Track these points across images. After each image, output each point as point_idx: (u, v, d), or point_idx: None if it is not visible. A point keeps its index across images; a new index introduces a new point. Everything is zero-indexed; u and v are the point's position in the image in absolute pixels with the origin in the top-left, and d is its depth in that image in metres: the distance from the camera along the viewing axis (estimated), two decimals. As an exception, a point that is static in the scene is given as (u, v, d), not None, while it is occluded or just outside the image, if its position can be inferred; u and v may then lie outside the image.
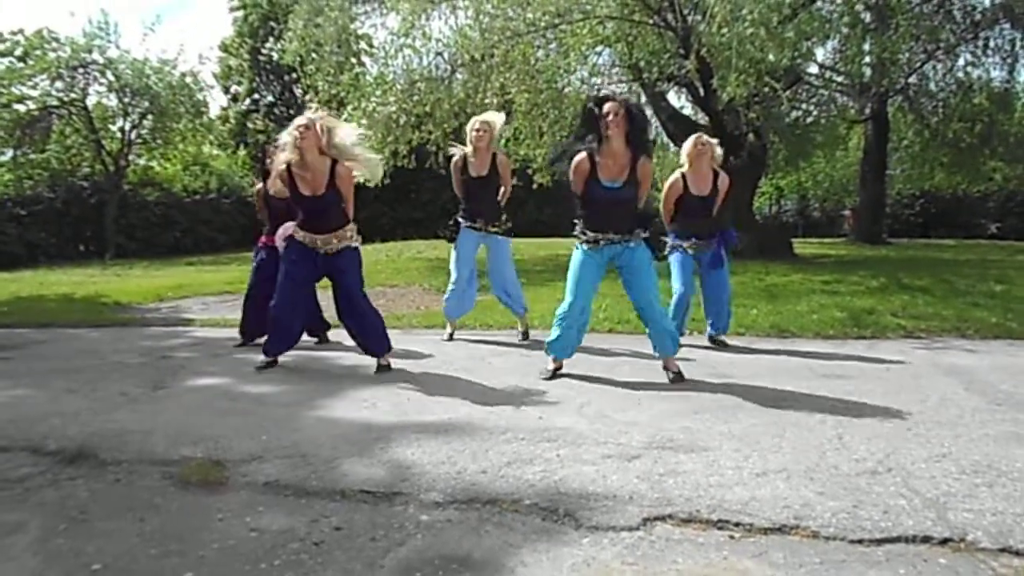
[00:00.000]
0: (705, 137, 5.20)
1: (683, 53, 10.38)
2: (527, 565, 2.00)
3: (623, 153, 3.99)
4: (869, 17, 11.98)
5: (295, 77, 17.64)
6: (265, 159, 5.60)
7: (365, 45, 17.21)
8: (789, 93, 12.24)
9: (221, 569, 2.01)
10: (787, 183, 25.70)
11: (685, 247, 5.23)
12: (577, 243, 4.24)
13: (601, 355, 4.95)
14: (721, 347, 5.31)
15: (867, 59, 12.02)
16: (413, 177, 18.37)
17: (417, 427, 3.28)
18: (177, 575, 1.99)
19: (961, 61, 15.14)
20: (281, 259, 4.67)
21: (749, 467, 2.70)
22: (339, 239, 4.46)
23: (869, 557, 2.02)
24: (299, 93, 21.70)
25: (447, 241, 5.66)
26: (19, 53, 18.25)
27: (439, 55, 11.73)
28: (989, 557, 2.01)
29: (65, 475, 2.75)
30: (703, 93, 11.68)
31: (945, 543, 2.09)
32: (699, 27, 10.04)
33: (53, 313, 7.82)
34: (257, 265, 5.62)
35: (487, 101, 11.11)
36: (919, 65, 14.94)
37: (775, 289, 8.11)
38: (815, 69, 14.87)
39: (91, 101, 19.67)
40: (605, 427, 3.24)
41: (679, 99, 15.31)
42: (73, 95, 19.21)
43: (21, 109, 18.79)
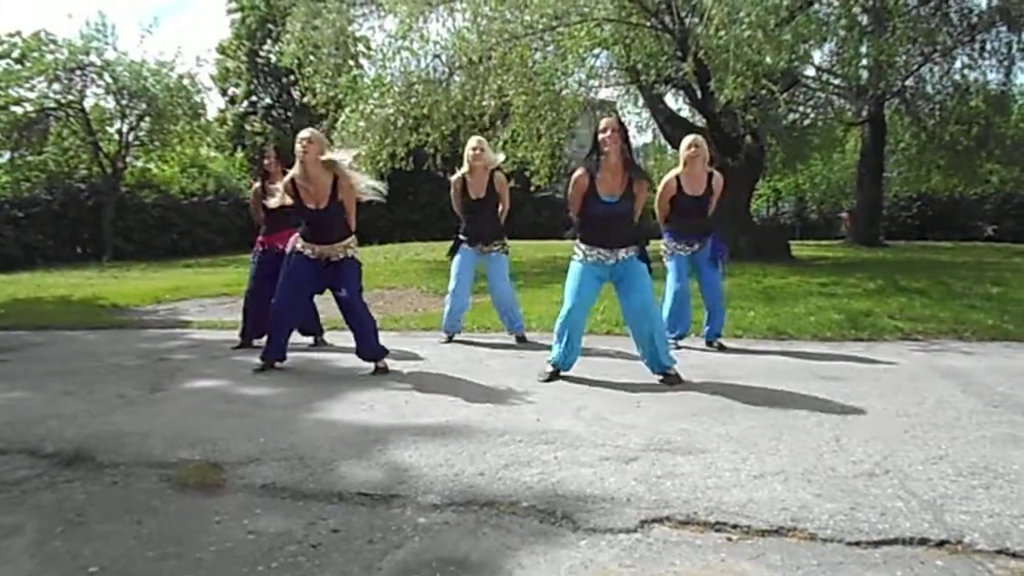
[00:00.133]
0: (700, 138, 5.28)
1: (680, 55, 10.40)
2: (524, 567, 2.00)
3: (620, 168, 4.09)
4: (866, 20, 12.02)
5: (293, 79, 17.64)
6: (263, 159, 5.65)
7: (363, 47, 17.21)
8: (786, 95, 12.28)
9: (218, 571, 2.01)
10: (784, 185, 25.76)
11: (680, 250, 5.27)
12: (575, 256, 4.31)
13: (599, 357, 4.96)
14: (718, 349, 5.31)
15: (864, 62, 12.05)
16: (411, 179, 18.36)
17: (415, 429, 3.28)
18: (174, 578, 1.99)
19: (958, 64, 15.23)
20: (284, 262, 4.73)
21: (747, 469, 2.71)
22: (342, 249, 4.58)
23: (866, 559, 2.02)
24: (297, 95, 21.72)
25: (448, 257, 5.80)
26: (16, 55, 18.21)
27: (437, 57, 11.73)
28: (986, 559, 2.02)
29: (62, 477, 2.74)
30: (700, 95, 11.69)
31: (942, 545, 2.09)
32: (696, 29, 10.06)
33: (50, 315, 7.81)
34: (256, 267, 5.62)
35: (485, 103, 11.14)
36: (916, 68, 14.99)
37: (772, 291, 8.12)
38: (812, 72, 14.93)
39: (88, 103, 19.64)
40: (603, 429, 3.24)
41: (676, 101, 15.34)
42: (71, 97, 19.17)
43: (18, 111, 18.74)
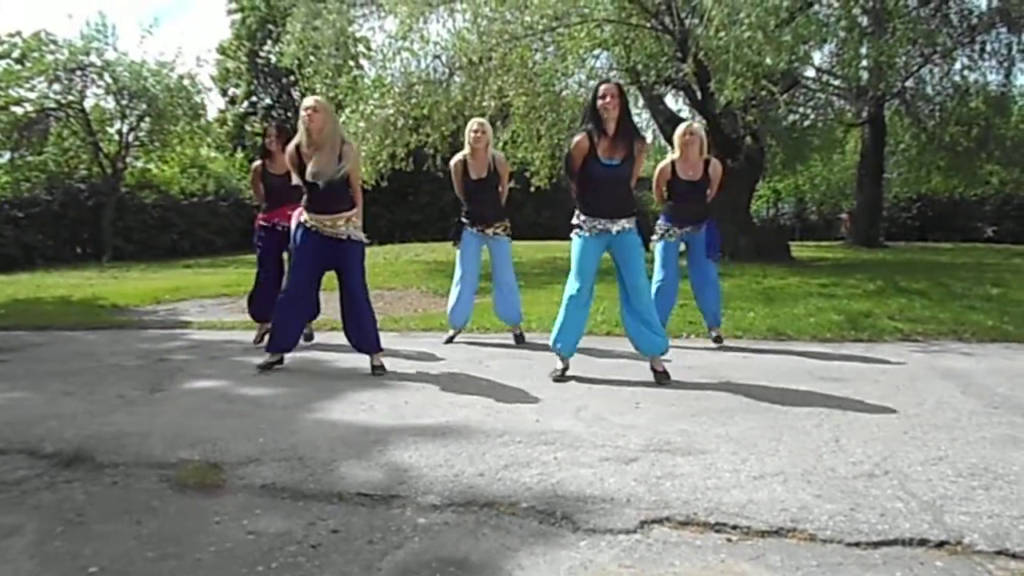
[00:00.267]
0: (695, 126, 5.38)
1: (680, 56, 10.40)
2: (524, 568, 2.00)
3: (620, 133, 4.15)
4: (866, 21, 12.02)
5: (293, 80, 17.68)
6: (265, 138, 5.76)
7: (363, 48, 17.21)
8: (786, 96, 12.29)
9: (218, 572, 2.01)
10: (784, 186, 25.80)
11: (672, 233, 5.33)
12: (577, 231, 4.34)
13: (599, 357, 4.97)
14: (716, 342, 5.41)
15: (864, 63, 12.05)
16: (411, 180, 18.38)
17: (415, 430, 3.28)
18: (174, 578, 1.99)
19: (958, 65, 15.22)
20: (291, 241, 4.75)
21: (746, 470, 2.71)
22: (346, 221, 4.54)
23: (866, 560, 2.02)
24: (297, 96, 21.76)
25: (452, 245, 5.76)
26: (17, 55, 18.20)
27: (437, 58, 11.74)
28: (986, 560, 2.02)
29: (62, 478, 2.74)
30: (700, 96, 11.70)
31: (942, 546, 2.09)
32: (696, 30, 10.07)
33: (50, 315, 7.81)
34: (260, 247, 5.73)
35: (485, 104, 11.14)
36: (916, 69, 14.99)
37: (772, 292, 8.12)
38: (812, 73, 14.94)
39: (89, 103, 19.63)
40: (602, 430, 3.24)
41: (676, 102, 15.35)
42: (71, 97, 19.16)
43: (19, 111, 18.73)
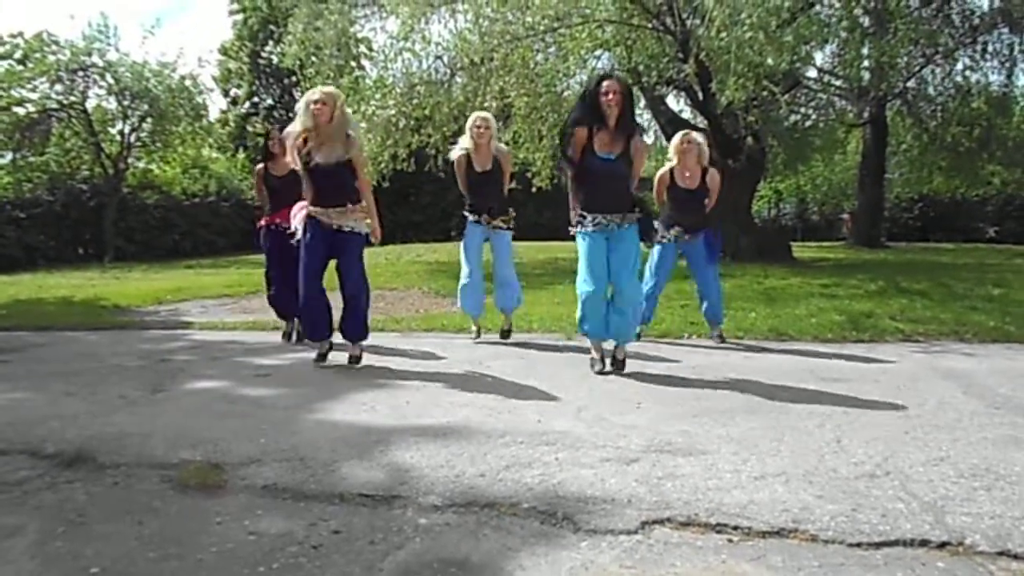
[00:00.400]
0: (693, 135, 5.43)
1: (682, 57, 10.41)
2: (525, 569, 2.00)
3: (619, 128, 4.19)
4: (868, 21, 12.01)
5: (295, 80, 17.68)
6: (268, 141, 5.84)
7: (365, 49, 17.23)
8: (788, 97, 12.29)
9: (219, 572, 2.01)
10: (786, 187, 25.79)
11: (670, 236, 5.39)
12: (579, 229, 4.37)
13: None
14: (719, 342, 5.50)
15: (866, 63, 12.04)
16: (412, 180, 18.41)
17: (416, 430, 3.28)
18: (175, 578, 1.99)
19: (959, 65, 15.20)
20: (300, 244, 4.76)
21: (747, 470, 2.70)
22: (351, 214, 4.61)
23: (867, 561, 2.02)
24: (299, 96, 21.74)
25: (459, 239, 5.80)
26: (19, 56, 18.25)
27: (438, 59, 11.75)
28: (987, 560, 2.01)
29: (63, 478, 2.74)
30: (702, 97, 11.70)
31: (943, 547, 2.09)
32: (698, 31, 10.07)
33: (52, 316, 7.82)
34: (266, 248, 5.82)
35: (486, 105, 11.13)
36: (918, 69, 14.97)
37: (774, 292, 8.12)
38: (814, 73, 14.93)
39: (90, 104, 19.69)
40: (603, 430, 3.24)
41: (678, 103, 15.35)
42: (72, 98, 19.21)
43: (20, 112, 18.78)
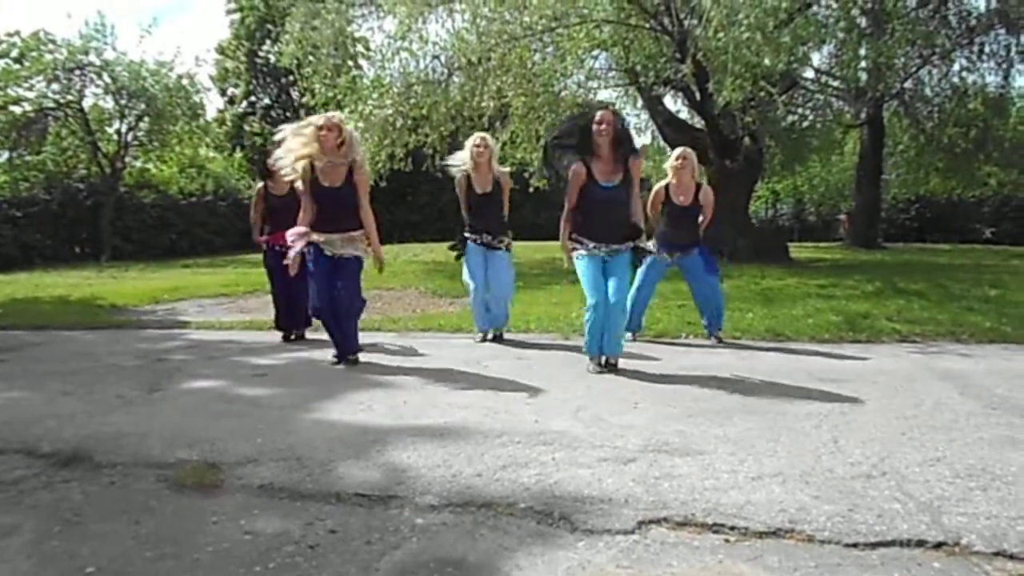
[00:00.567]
0: (687, 151, 5.56)
1: (679, 57, 10.40)
2: (522, 569, 2.00)
3: (613, 156, 4.37)
4: (865, 22, 12.03)
5: (292, 80, 17.66)
6: (266, 159, 5.80)
7: (362, 48, 17.22)
8: (785, 97, 12.26)
9: (216, 572, 2.00)
10: (783, 187, 25.80)
11: (663, 257, 5.54)
12: (578, 251, 4.52)
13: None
14: (718, 342, 5.57)
15: (863, 64, 12.07)
16: (410, 180, 18.39)
17: (413, 430, 3.28)
18: (171, 578, 1.99)
19: (956, 66, 15.22)
20: (307, 264, 4.82)
21: (744, 471, 2.71)
22: (351, 241, 4.74)
23: (864, 561, 2.02)
24: (296, 96, 21.74)
25: (455, 259, 5.83)
26: (15, 55, 18.20)
27: (436, 58, 11.74)
28: (983, 561, 2.02)
29: (60, 477, 2.74)
30: (699, 97, 11.70)
31: (939, 547, 2.09)
32: (695, 31, 10.08)
33: (49, 315, 7.80)
34: (267, 267, 5.91)
35: (484, 104, 11.14)
36: (915, 70, 15.00)
37: (771, 293, 8.13)
38: (811, 74, 14.94)
39: (87, 103, 19.64)
40: (601, 430, 3.24)
41: (675, 103, 15.36)
42: (69, 97, 19.16)
43: (17, 111, 18.74)
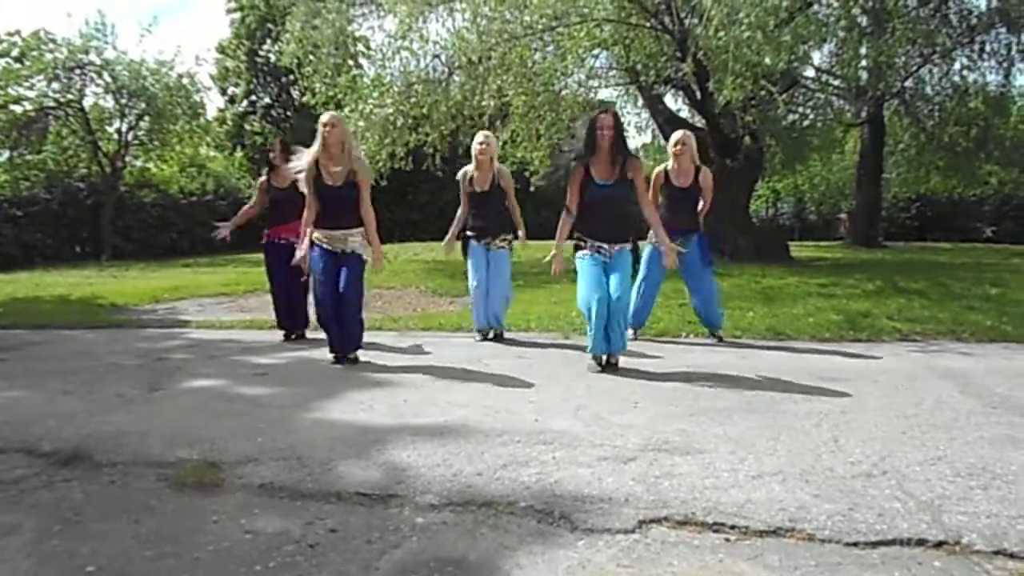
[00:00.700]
0: (687, 135, 5.56)
1: (680, 56, 10.40)
2: (522, 568, 2.00)
3: (613, 156, 4.46)
4: (865, 21, 12.02)
5: (292, 79, 17.62)
6: (270, 153, 5.98)
7: (362, 47, 17.21)
8: (785, 96, 12.26)
9: (216, 571, 2.01)
10: (783, 186, 25.78)
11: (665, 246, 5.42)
12: (579, 253, 4.58)
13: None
14: (717, 341, 5.56)
15: (863, 63, 12.05)
16: (410, 179, 18.35)
17: (413, 429, 3.28)
18: (172, 577, 1.99)
19: (957, 65, 15.21)
20: (311, 268, 4.90)
21: (745, 470, 2.71)
22: (352, 239, 4.82)
23: (864, 560, 2.02)
24: (296, 95, 21.70)
25: (462, 257, 5.87)
26: (16, 54, 18.21)
27: (436, 57, 11.73)
28: (984, 560, 2.02)
29: (60, 477, 2.74)
30: (700, 96, 11.68)
31: (940, 546, 2.09)
32: (696, 30, 10.07)
33: (49, 314, 7.80)
34: (268, 260, 5.95)
35: (484, 103, 11.13)
36: (915, 69, 14.99)
37: (771, 292, 8.13)
38: (811, 72, 14.93)
39: (88, 102, 19.65)
40: (601, 429, 3.24)
41: (676, 102, 15.35)
42: (70, 96, 19.17)
43: (18, 110, 18.75)
